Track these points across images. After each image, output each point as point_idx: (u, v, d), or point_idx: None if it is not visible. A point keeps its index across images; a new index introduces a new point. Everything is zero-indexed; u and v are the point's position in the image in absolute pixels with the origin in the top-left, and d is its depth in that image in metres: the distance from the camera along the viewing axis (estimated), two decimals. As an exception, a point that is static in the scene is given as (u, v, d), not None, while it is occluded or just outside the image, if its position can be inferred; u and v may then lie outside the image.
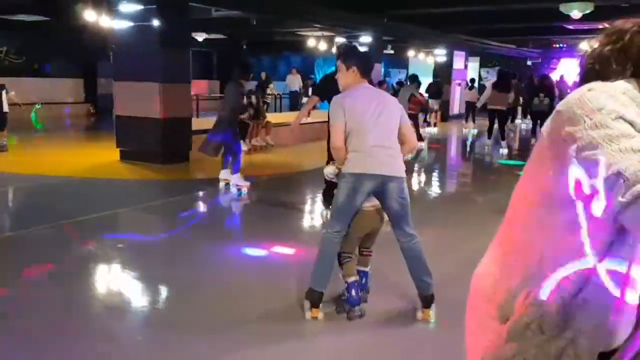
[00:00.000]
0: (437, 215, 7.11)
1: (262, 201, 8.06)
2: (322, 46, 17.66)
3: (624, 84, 1.12)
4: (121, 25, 9.92)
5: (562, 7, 11.63)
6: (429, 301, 3.81)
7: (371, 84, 3.93)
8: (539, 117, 13.26)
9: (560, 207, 1.14)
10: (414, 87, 13.48)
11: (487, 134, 13.79)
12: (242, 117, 11.69)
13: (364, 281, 4.00)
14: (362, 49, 11.50)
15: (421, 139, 12.65)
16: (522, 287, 1.19)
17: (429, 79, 20.68)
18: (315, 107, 7.05)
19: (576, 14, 11.70)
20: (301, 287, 4.04)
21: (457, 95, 21.77)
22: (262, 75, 19.55)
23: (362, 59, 3.90)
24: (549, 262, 1.17)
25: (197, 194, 8.27)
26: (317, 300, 3.76)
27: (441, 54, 21.34)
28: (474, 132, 17.16)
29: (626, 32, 1.21)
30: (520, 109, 18.66)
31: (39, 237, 5.59)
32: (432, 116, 17.20)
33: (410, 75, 15.33)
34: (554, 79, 16.22)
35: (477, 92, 18.20)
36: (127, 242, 5.62)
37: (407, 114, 4.11)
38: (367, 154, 3.65)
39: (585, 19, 12.17)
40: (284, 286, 4.31)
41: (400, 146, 3.74)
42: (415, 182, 9.44)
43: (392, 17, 14.86)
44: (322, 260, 3.77)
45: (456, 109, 21.69)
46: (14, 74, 16.40)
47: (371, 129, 3.65)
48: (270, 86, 20.01)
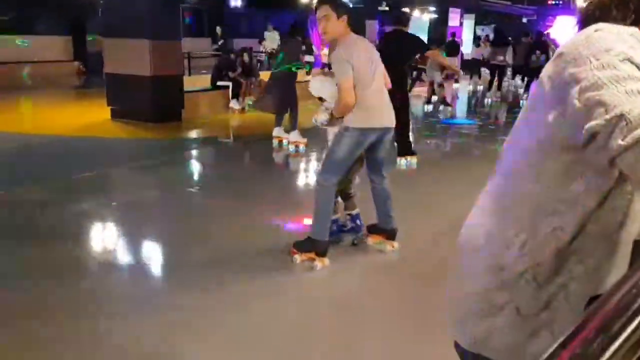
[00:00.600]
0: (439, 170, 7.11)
1: (254, 160, 8.06)
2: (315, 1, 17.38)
3: (631, 27, 1.09)
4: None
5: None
6: (395, 234, 4.21)
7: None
8: (535, 73, 13.27)
9: (557, 154, 1.12)
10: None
11: (488, 87, 14.98)
12: (234, 75, 11.59)
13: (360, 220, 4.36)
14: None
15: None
16: (516, 237, 1.18)
17: (424, 37, 20.46)
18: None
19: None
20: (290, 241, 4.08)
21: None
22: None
23: (351, 10, 3.94)
24: (545, 211, 1.15)
25: (189, 152, 8.23)
26: (325, 249, 3.90)
27: (436, 11, 21.08)
28: (480, 87, 17.28)
29: None
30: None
31: (30, 196, 5.56)
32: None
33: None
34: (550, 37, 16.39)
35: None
36: (120, 201, 5.61)
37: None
38: (372, 108, 3.76)
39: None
40: (280, 242, 4.33)
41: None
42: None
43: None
44: (323, 211, 3.87)
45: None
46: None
47: (371, 82, 3.73)
48: (263, 43, 19.73)
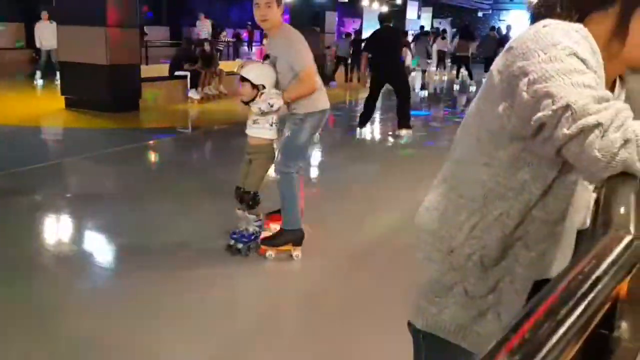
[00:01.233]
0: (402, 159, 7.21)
1: (217, 150, 8.00)
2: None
3: (577, 23, 1.14)
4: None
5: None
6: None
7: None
8: None
9: (506, 144, 1.17)
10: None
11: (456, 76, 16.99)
12: (193, 68, 11.46)
13: None
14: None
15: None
16: (466, 221, 1.24)
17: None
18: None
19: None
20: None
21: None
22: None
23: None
24: (494, 197, 1.21)
25: (147, 142, 8.12)
26: (301, 237, 3.96)
27: (394, 3, 21.22)
28: (444, 78, 18.46)
29: None
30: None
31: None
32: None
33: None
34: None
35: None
36: (74, 192, 5.51)
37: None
38: (323, 91, 3.90)
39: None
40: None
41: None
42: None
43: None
44: (291, 200, 3.89)
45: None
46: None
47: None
48: (223, 33, 19.55)
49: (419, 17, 22.58)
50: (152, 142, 8.14)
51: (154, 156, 7.70)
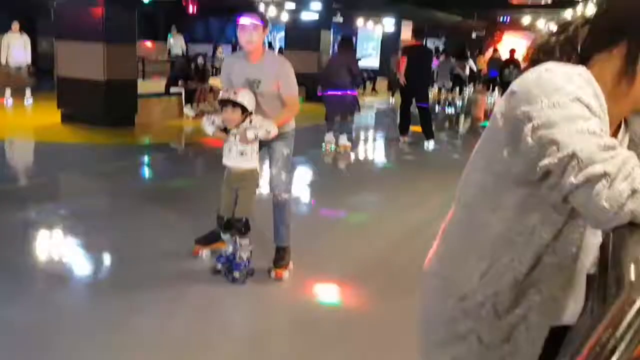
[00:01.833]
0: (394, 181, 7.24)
1: (210, 167, 8.00)
2: (272, 12, 17.42)
3: (579, 67, 1.13)
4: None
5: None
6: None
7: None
8: (507, 85, 14.89)
9: (513, 188, 1.16)
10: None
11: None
12: (188, 86, 11.47)
13: None
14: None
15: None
16: (477, 267, 1.22)
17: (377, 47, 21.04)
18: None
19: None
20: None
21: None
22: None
23: None
24: (503, 242, 1.19)
25: (140, 159, 8.12)
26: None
27: (389, 23, 21.39)
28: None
29: (571, 24, 1.24)
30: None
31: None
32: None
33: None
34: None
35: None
36: (69, 208, 5.49)
37: None
38: None
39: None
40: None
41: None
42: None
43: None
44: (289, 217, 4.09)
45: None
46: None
47: None
48: (219, 49, 19.62)
49: (414, 36, 22.69)
50: (146, 158, 8.15)
51: (147, 172, 7.69)
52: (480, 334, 1.23)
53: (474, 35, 27.64)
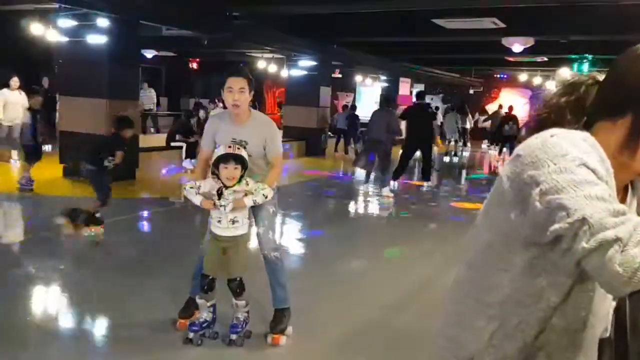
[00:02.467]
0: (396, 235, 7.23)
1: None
2: (272, 68, 17.78)
3: (583, 132, 1.14)
4: (68, 40, 9.74)
5: (504, 41, 12.22)
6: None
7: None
8: (508, 140, 16.31)
9: (520, 250, 1.15)
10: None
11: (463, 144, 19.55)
12: (190, 140, 11.62)
13: None
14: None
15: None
16: (485, 328, 1.20)
17: (373, 101, 21.27)
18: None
19: (517, 47, 12.32)
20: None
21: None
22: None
23: None
24: (512, 303, 1.18)
25: (138, 213, 8.15)
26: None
27: (387, 79, 21.81)
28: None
29: (582, 84, 1.25)
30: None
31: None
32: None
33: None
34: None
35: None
36: (69, 264, 5.47)
37: None
38: None
39: (525, 52, 12.97)
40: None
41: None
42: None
43: (341, 44, 15.22)
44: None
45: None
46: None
47: None
48: (219, 105, 19.89)
49: (411, 93, 23.08)
50: (144, 213, 8.18)
51: (145, 227, 7.71)
52: None
53: (471, 91, 28.09)
